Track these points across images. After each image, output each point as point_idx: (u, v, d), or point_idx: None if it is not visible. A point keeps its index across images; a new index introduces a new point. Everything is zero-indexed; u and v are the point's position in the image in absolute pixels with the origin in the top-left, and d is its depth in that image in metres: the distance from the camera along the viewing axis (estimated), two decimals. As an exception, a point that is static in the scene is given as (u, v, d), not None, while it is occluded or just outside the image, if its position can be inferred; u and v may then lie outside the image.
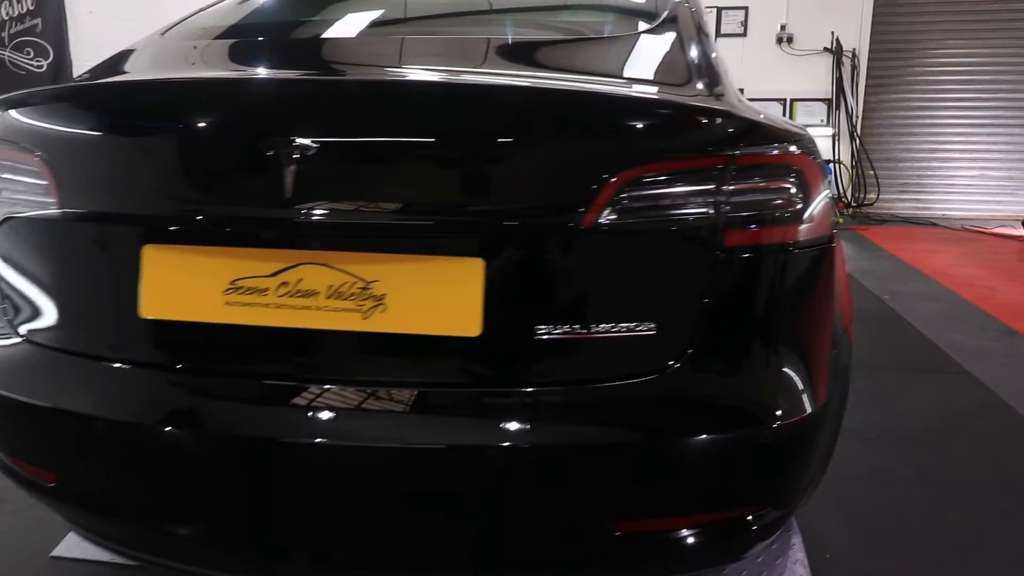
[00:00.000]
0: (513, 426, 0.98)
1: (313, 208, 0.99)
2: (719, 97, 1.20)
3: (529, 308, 1.00)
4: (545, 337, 0.98)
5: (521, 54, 1.24)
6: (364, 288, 1.00)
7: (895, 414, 2.56)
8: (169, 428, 1.04)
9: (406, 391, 1.01)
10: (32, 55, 4.21)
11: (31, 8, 4.19)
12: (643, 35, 1.34)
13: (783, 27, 7.19)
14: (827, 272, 1.10)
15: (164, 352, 1.09)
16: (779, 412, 1.04)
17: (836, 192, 7.28)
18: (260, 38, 1.45)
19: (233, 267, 1.03)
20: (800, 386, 1.06)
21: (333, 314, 1.00)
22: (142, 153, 1.07)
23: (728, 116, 1.05)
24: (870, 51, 7.23)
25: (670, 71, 1.21)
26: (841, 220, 6.70)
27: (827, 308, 1.12)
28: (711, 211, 1.00)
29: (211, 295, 1.03)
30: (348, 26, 1.45)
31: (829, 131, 7.27)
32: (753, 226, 1.02)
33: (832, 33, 7.12)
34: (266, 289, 1.02)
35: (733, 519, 1.07)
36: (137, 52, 1.44)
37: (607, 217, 0.97)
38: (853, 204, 7.34)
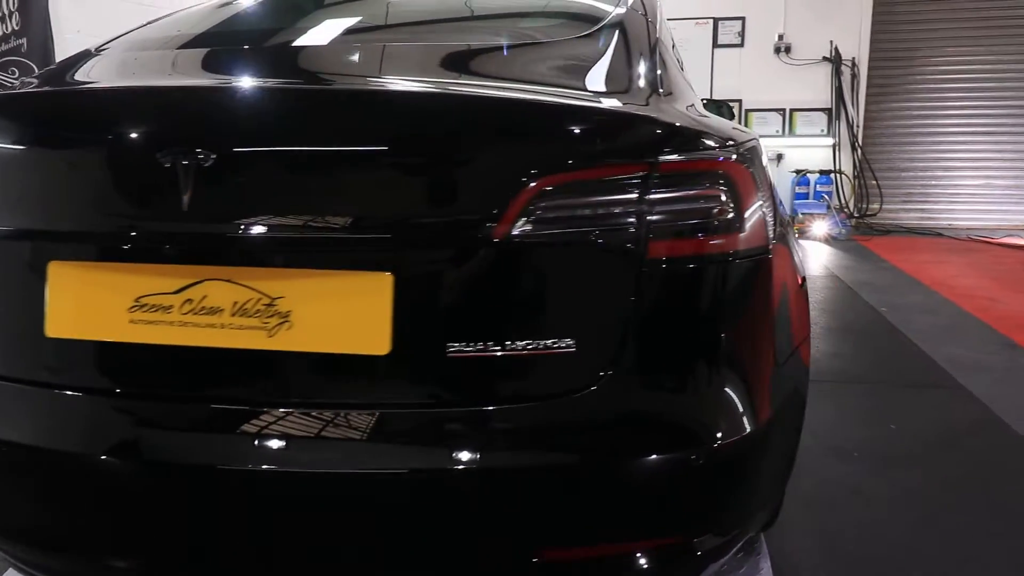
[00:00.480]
0: (424, 449, 0.92)
1: (215, 222, 0.95)
2: (661, 103, 1.14)
3: (441, 324, 0.94)
4: (458, 355, 0.93)
5: (450, 62, 1.19)
6: (269, 305, 0.95)
7: (884, 431, 2.47)
8: (77, 452, 0.99)
9: (312, 413, 0.95)
10: (17, 75, 4.23)
11: (16, 28, 4.22)
12: (580, 40, 1.28)
13: (781, 37, 7.13)
14: (764, 284, 1.04)
15: (69, 372, 1.04)
16: (711, 433, 0.97)
17: (838, 202, 7.18)
18: (184, 50, 1.41)
19: (138, 284, 0.98)
20: (736, 405, 1.00)
21: (238, 332, 0.95)
22: (44, 167, 1.03)
23: (650, 122, 1.00)
24: (870, 59, 7.15)
25: (603, 77, 1.15)
26: (843, 231, 6.61)
27: (766, 321, 1.05)
28: (633, 221, 0.95)
29: (116, 313, 0.99)
30: (268, 37, 1.41)
31: (830, 141, 7.19)
32: (678, 237, 0.97)
33: (831, 42, 7.05)
34: (170, 306, 0.97)
35: (669, 546, 1.00)
36: (63, 66, 1.41)
37: (520, 229, 0.92)
38: (855, 215, 7.24)
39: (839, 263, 5.52)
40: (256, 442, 0.94)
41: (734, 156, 1.01)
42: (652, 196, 0.95)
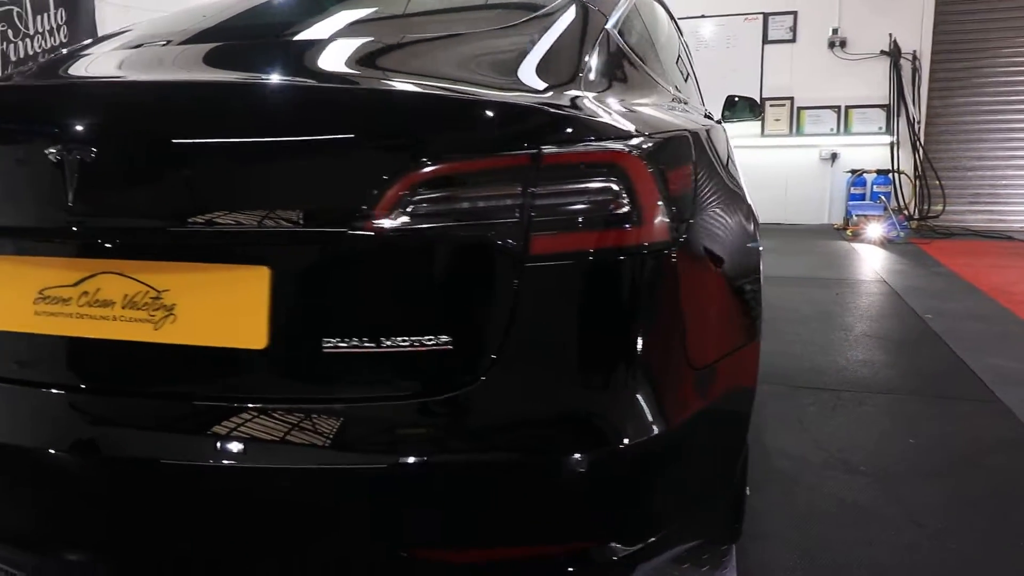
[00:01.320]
0: (295, 447, 0.91)
1: (104, 215, 0.96)
2: (580, 95, 1.09)
3: (317, 320, 0.93)
4: (334, 351, 0.91)
5: (354, 56, 1.17)
6: (156, 298, 0.96)
7: (901, 445, 2.31)
8: None
9: (193, 406, 0.96)
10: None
11: (64, 40, 4.46)
12: (505, 31, 1.24)
13: (835, 31, 6.82)
14: (666, 283, 0.98)
15: None
16: (598, 437, 0.92)
17: (896, 204, 6.81)
18: (115, 52, 1.42)
19: (41, 276, 1.01)
20: (630, 409, 0.95)
21: (128, 324, 0.97)
22: None
23: (535, 112, 0.96)
24: (933, 52, 6.74)
25: (516, 68, 1.11)
26: (900, 234, 6.25)
27: (670, 323, 0.99)
28: (515, 215, 0.91)
29: (23, 304, 1.02)
30: (181, 36, 1.40)
31: (888, 139, 6.83)
32: (563, 232, 0.92)
33: (890, 35, 6.69)
34: (70, 298, 1.00)
35: (565, 553, 0.96)
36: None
37: (395, 222, 0.90)
38: (915, 217, 6.84)
39: (890, 267, 5.23)
40: (140, 434, 0.96)
41: (630, 148, 0.96)
42: (536, 189, 0.91)
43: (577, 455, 0.91)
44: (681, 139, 1.12)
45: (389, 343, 0.91)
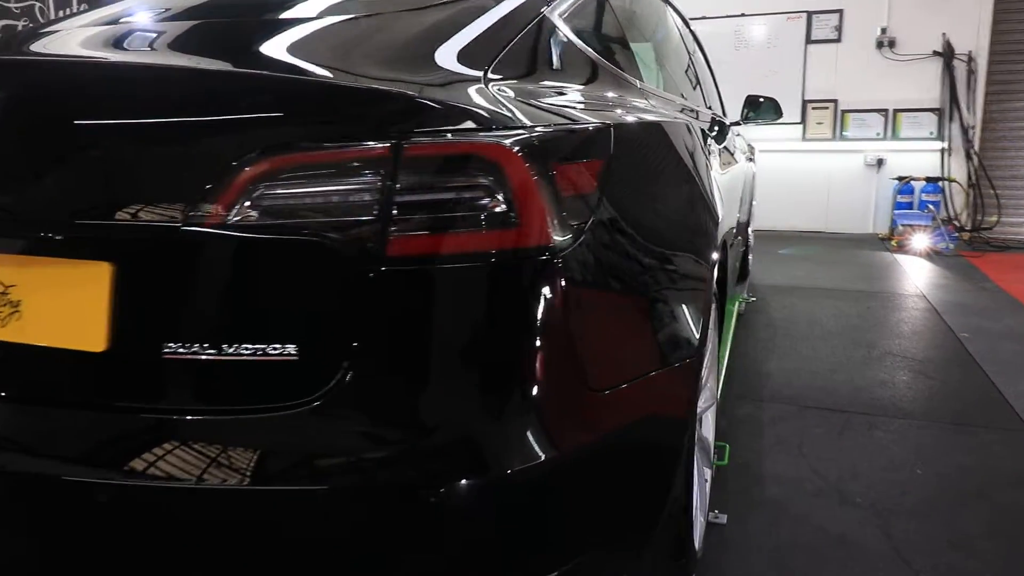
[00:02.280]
0: (122, 460, 0.83)
1: None
2: (484, 84, 0.98)
3: (159, 322, 0.85)
4: (174, 356, 0.83)
5: (223, 36, 1.07)
6: (3, 293, 0.90)
7: (905, 475, 2.12)
8: None
9: (31, 409, 0.90)
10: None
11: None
12: (409, 13, 1.14)
13: (884, 30, 6.47)
14: (552, 292, 0.87)
15: None
16: (459, 464, 0.82)
17: (945, 214, 6.42)
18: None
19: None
20: (502, 433, 0.84)
21: (-23, 321, 0.91)
22: None
23: (397, 98, 0.86)
24: (990, 53, 6.32)
25: (406, 53, 1.01)
26: (949, 246, 5.88)
27: (555, 336, 0.87)
28: (372, 213, 0.81)
29: None
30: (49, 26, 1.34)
31: (939, 145, 6.45)
32: (427, 233, 0.82)
33: (943, 34, 6.32)
34: (-72, 292, 0.95)
35: None
36: None
37: (239, 218, 0.81)
38: (967, 228, 6.44)
39: (932, 280, 4.91)
40: None
41: (507, 141, 0.85)
42: (395, 184, 0.81)
43: (425, 484, 0.81)
44: (589, 133, 1.00)
45: (231, 350, 0.82)
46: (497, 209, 0.83)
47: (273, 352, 0.82)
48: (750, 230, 4.54)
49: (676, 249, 1.18)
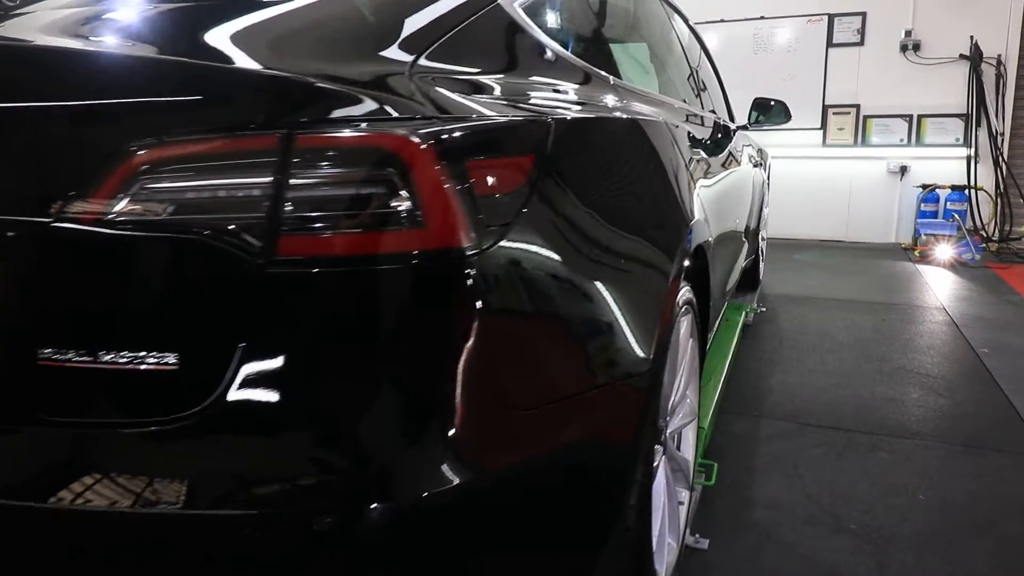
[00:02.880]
0: None
1: None
2: (422, 74, 0.90)
3: (34, 325, 0.78)
4: (50, 364, 0.76)
5: (155, 22, 1.01)
6: None
7: (905, 501, 1.98)
8: None
9: None
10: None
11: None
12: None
13: (908, 33, 6.27)
14: (459, 296, 0.78)
15: None
16: (350, 489, 0.74)
17: (971, 223, 6.18)
18: None
19: None
20: (402, 455, 0.76)
21: None
22: None
23: (290, 85, 0.77)
24: (1021, 56, 6.09)
25: (341, 39, 0.92)
26: (975, 256, 5.66)
27: (462, 346, 0.78)
28: (260, 210, 0.73)
29: None
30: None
31: (965, 152, 6.22)
32: (320, 232, 0.73)
33: (971, 37, 6.10)
34: None
35: None
36: None
37: (114, 213, 0.73)
38: (995, 238, 6.19)
39: (954, 292, 4.71)
40: None
41: (411, 134, 0.76)
42: (286, 179, 0.73)
43: (309, 511, 0.73)
44: (520, 128, 0.91)
45: (108, 358, 0.75)
46: (399, 207, 0.74)
47: (151, 361, 0.74)
48: (761, 238, 4.39)
49: (625, 255, 1.08)
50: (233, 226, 0.73)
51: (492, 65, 1.08)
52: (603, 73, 1.45)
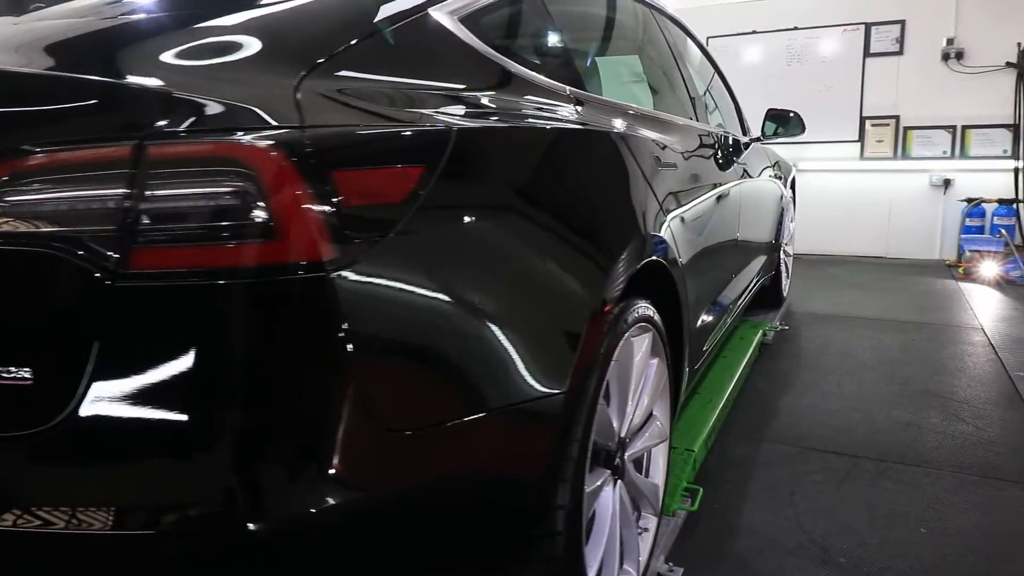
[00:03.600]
0: None
1: None
2: (329, 83, 0.88)
3: None
4: None
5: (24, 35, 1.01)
6: None
7: (905, 533, 1.86)
8: None
9: None
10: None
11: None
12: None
13: (950, 41, 6.01)
14: (319, 311, 0.75)
15: None
16: (205, 513, 0.72)
17: (1020, 239, 5.85)
18: None
19: None
20: (261, 477, 0.74)
21: None
22: None
23: (145, 95, 0.77)
24: (1073, 64, 5.78)
25: (230, 48, 0.91)
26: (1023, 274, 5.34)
27: (323, 361, 0.76)
28: (111, 222, 0.72)
29: None
30: None
31: (1013, 164, 5.91)
32: (174, 243, 0.72)
33: (1018, 45, 5.81)
34: None
35: None
36: None
37: None
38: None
39: (997, 312, 4.46)
40: None
41: (272, 143, 0.74)
42: (138, 189, 0.72)
43: (165, 535, 0.71)
44: (409, 137, 0.89)
45: None
46: (251, 218, 0.73)
47: (5, 375, 0.74)
48: (785, 254, 4.25)
49: (531, 272, 1.03)
50: (86, 238, 0.73)
51: (414, 76, 1.06)
52: (554, 84, 1.42)
